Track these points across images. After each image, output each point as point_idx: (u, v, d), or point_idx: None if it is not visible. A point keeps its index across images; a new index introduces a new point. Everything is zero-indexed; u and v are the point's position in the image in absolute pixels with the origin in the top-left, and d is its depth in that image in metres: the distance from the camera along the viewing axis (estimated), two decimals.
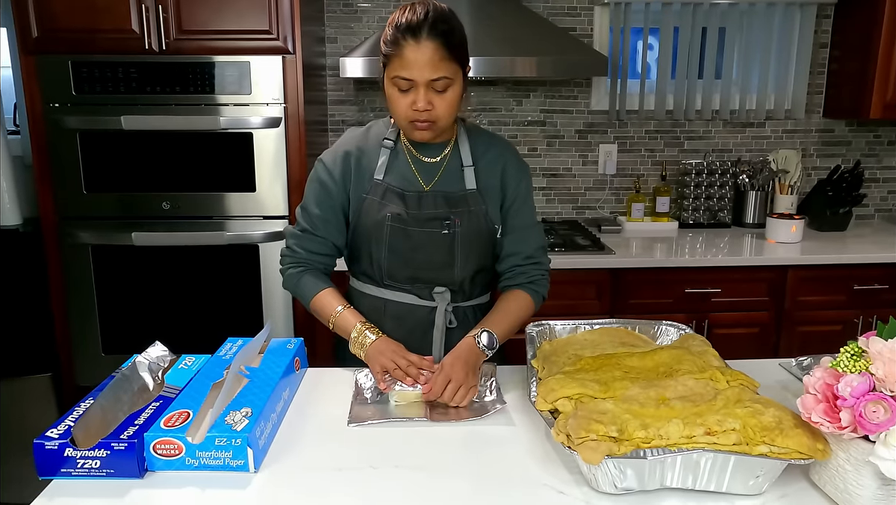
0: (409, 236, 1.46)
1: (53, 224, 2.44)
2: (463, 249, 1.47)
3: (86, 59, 2.33)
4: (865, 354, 0.95)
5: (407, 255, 1.46)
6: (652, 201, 3.04)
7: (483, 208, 1.49)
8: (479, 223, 1.48)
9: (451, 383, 1.30)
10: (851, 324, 2.59)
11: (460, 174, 1.50)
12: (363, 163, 1.49)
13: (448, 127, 1.46)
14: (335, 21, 2.90)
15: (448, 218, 1.46)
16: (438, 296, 1.50)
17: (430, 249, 1.46)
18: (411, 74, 1.34)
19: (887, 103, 2.74)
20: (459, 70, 1.39)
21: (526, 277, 1.53)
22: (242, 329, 2.49)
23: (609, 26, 2.92)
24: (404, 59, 1.34)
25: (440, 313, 1.51)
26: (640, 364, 1.20)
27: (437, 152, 1.50)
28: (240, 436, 1.04)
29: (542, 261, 1.55)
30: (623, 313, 2.52)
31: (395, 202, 1.46)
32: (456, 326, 1.53)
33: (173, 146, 2.39)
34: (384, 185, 1.47)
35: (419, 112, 1.37)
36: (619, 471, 0.97)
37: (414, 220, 1.46)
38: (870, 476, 0.92)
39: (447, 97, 1.38)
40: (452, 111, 1.41)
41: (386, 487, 1.03)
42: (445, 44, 1.34)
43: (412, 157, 1.50)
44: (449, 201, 1.47)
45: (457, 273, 1.49)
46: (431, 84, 1.36)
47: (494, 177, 1.51)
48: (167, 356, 1.34)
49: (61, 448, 1.01)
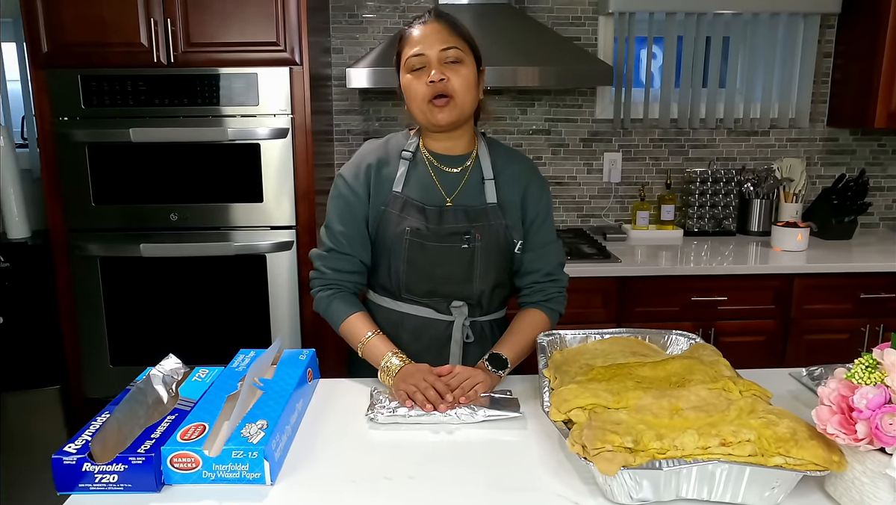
0: (428, 251, 1.45)
1: (62, 236, 2.45)
2: (482, 264, 1.47)
3: (95, 72, 2.34)
4: (880, 366, 0.96)
5: (426, 269, 1.45)
6: (657, 209, 3.05)
7: (503, 223, 1.48)
8: (498, 237, 1.48)
9: (465, 376, 1.32)
10: (858, 332, 2.60)
11: (481, 187, 1.49)
12: (383, 174, 1.48)
13: (467, 114, 1.45)
14: (341, 32, 2.92)
15: (468, 232, 1.45)
16: (456, 310, 1.50)
17: (450, 264, 1.46)
18: (422, 49, 1.39)
19: (891, 112, 2.75)
20: (470, 52, 1.43)
21: (544, 295, 1.53)
22: (250, 339, 2.51)
23: (613, 36, 2.94)
24: (413, 39, 1.41)
25: (458, 328, 1.50)
26: (652, 374, 1.20)
27: (458, 164, 1.50)
28: (256, 449, 1.04)
29: (560, 278, 1.56)
30: (629, 321, 2.52)
31: (414, 216, 1.45)
32: (473, 340, 1.52)
33: (181, 158, 2.40)
34: (403, 198, 1.46)
35: (435, 85, 1.38)
36: (634, 482, 0.97)
37: (433, 235, 1.45)
38: (886, 488, 0.92)
39: (461, 72, 1.40)
40: (469, 90, 1.41)
41: (401, 497, 1.03)
42: (450, 24, 1.41)
43: (433, 168, 1.49)
44: (469, 216, 1.46)
45: (475, 287, 1.48)
46: (443, 57, 1.38)
47: (515, 193, 1.50)
48: (181, 368, 1.34)
49: (79, 463, 1.02)
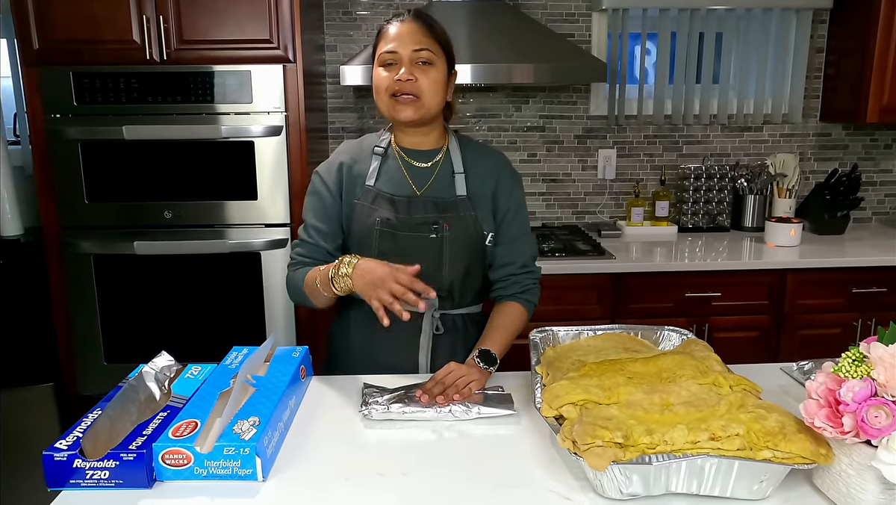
0: (398, 241, 1.48)
1: (55, 234, 2.45)
2: (451, 254, 1.49)
3: (87, 69, 2.33)
4: (867, 360, 0.96)
5: (396, 259, 1.45)
6: (651, 206, 3.06)
7: (472, 214, 1.51)
8: (467, 228, 1.50)
9: (460, 373, 1.34)
10: (850, 327, 2.61)
11: (451, 181, 1.52)
12: (355, 171, 1.52)
13: (432, 114, 1.47)
14: (334, 29, 2.92)
15: (436, 222, 1.48)
16: (426, 301, 1.51)
17: (419, 254, 1.47)
18: (395, 46, 1.41)
19: (884, 107, 2.76)
20: (443, 55, 1.45)
21: (519, 287, 1.56)
22: (245, 337, 2.50)
23: (607, 32, 2.94)
24: (388, 35, 1.43)
25: (427, 319, 1.52)
26: (644, 369, 1.21)
27: (429, 158, 1.53)
28: (248, 445, 1.04)
29: (533, 269, 1.59)
30: (624, 318, 2.53)
31: (384, 207, 1.49)
32: (443, 332, 1.54)
33: (174, 155, 2.40)
34: (375, 191, 1.50)
35: (402, 83, 1.40)
36: (624, 477, 0.98)
37: (403, 225, 1.48)
38: (872, 480, 0.93)
39: (430, 74, 1.42)
40: (436, 91, 1.44)
41: (393, 494, 1.04)
42: (427, 26, 1.43)
43: (404, 163, 1.52)
44: (438, 206, 1.50)
45: (445, 277, 1.50)
46: (415, 57, 1.41)
47: (486, 186, 1.53)
48: (173, 366, 1.35)
49: (70, 459, 1.02)
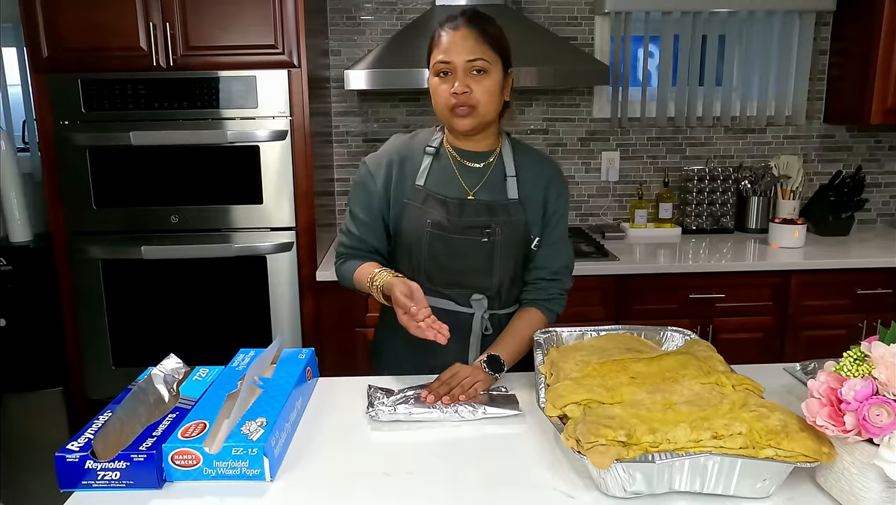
0: (448, 244, 1.48)
1: (64, 239, 2.47)
2: (501, 257, 1.50)
3: (95, 76, 2.36)
4: (868, 359, 0.97)
5: (446, 261, 1.49)
6: (655, 208, 3.06)
7: (522, 218, 1.51)
8: (517, 232, 1.51)
9: (466, 374, 1.35)
10: (855, 328, 2.60)
11: (503, 183, 1.52)
12: (406, 169, 1.52)
13: (489, 120, 1.47)
14: (339, 34, 2.94)
15: (488, 227, 1.48)
16: (476, 303, 1.53)
17: (470, 257, 1.49)
18: (448, 56, 1.40)
19: (888, 109, 2.76)
20: (499, 60, 1.43)
21: (545, 294, 1.56)
22: (251, 340, 2.50)
23: (610, 35, 2.95)
24: (442, 44, 1.41)
25: (477, 320, 1.53)
26: (647, 369, 1.22)
27: (482, 159, 1.52)
28: (256, 445, 1.06)
29: (564, 280, 1.58)
30: (628, 319, 2.53)
31: (436, 209, 1.48)
32: (491, 332, 1.55)
33: (181, 160, 2.42)
34: (425, 192, 1.50)
35: (458, 96, 1.40)
36: (628, 475, 0.99)
37: (455, 228, 1.48)
38: (875, 479, 0.93)
39: (485, 83, 1.41)
40: (492, 100, 1.43)
41: (399, 493, 1.05)
42: (482, 31, 1.40)
43: (456, 163, 1.52)
44: (490, 210, 1.49)
45: (495, 280, 1.51)
46: (469, 67, 1.40)
47: (537, 190, 1.53)
48: (181, 368, 1.36)
49: (82, 460, 1.03)
